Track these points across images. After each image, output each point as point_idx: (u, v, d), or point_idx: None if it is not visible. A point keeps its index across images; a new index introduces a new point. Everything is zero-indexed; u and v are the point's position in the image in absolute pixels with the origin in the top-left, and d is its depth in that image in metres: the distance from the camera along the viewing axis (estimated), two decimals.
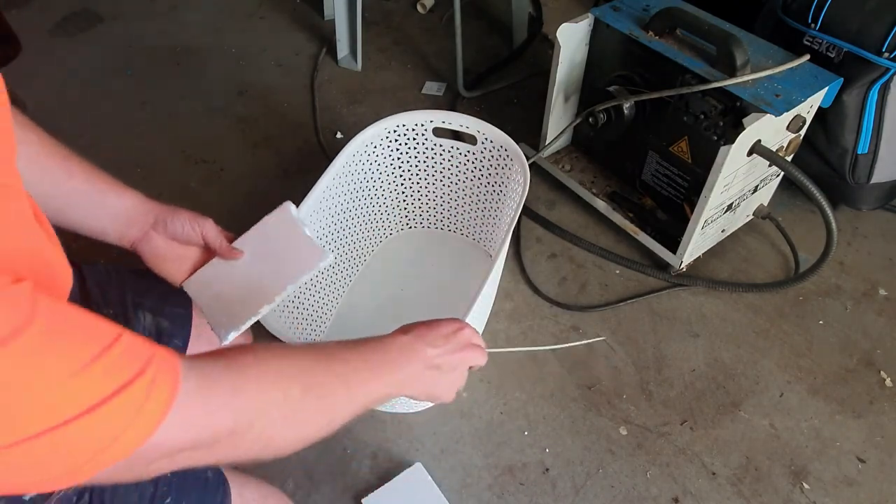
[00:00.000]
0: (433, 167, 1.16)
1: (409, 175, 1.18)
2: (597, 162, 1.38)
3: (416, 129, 1.09)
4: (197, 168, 1.46)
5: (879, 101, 1.11)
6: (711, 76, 1.02)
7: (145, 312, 0.75)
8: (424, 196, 1.22)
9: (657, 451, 1.00)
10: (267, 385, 0.46)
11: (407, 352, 0.58)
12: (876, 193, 1.25)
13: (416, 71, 1.72)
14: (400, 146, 1.12)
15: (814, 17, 1.09)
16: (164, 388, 0.38)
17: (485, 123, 1.04)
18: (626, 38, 1.12)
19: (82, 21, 1.93)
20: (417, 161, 1.15)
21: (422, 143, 1.12)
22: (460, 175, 1.15)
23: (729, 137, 0.97)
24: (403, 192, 1.21)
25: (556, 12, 1.87)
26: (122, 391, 0.36)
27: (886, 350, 1.12)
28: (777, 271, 1.24)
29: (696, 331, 1.15)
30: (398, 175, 1.18)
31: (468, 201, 1.19)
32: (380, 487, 0.95)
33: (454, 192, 1.19)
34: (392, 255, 1.27)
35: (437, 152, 1.13)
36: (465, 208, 1.21)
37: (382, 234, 1.26)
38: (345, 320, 1.17)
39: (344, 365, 0.53)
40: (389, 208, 1.23)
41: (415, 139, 1.11)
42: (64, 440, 0.35)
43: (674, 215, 1.21)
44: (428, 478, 0.97)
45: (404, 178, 1.18)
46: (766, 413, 1.04)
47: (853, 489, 0.96)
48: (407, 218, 1.27)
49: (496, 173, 1.10)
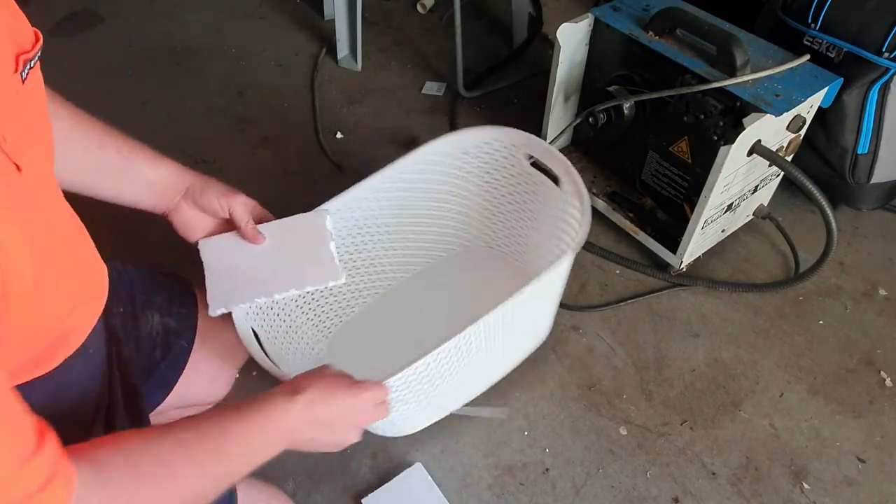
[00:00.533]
0: (510, 190, 1.07)
1: (479, 192, 1.09)
2: (597, 162, 1.38)
3: (508, 149, 1.00)
4: (197, 168, 1.44)
5: (879, 101, 1.11)
6: (711, 76, 1.02)
7: (153, 312, 0.76)
8: (482, 215, 1.14)
9: (657, 451, 1.00)
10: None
11: (276, 419, 0.56)
12: (876, 193, 1.25)
13: (416, 71, 1.72)
14: (488, 161, 1.03)
15: (814, 17, 1.09)
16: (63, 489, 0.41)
17: (570, 167, 0.92)
18: (626, 38, 1.12)
19: (82, 21, 1.93)
20: (497, 181, 1.06)
21: (510, 165, 1.03)
22: (523, 201, 1.07)
23: (729, 137, 0.97)
24: (464, 207, 1.13)
25: (556, 12, 1.87)
26: (46, 487, 0.38)
27: (886, 350, 1.12)
28: (777, 271, 1.24)
29: (696, 331, 1.15)
30: (468, 189, 1.09)
31: (522, 226, 1.11)
32: (380, 487, 0.95)
33: (510, 214, 1.11)
34: (434, 274, 1.18)
35: (523, 179, 1.03)
36: (518, 235, 1.13)
37: (435, 248, 1.18)
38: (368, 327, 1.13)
39: (199, 447, 0.50)
40: (444, 221, 1.14)
41: (506, 159, 1.02)
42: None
43: (674, 215, 1.21)
44: (428, 478, 0.97)
45: (473, 192, 1.10)
46: (766, 413, 1.04)
47: (853, 489, 0.96)
48: (455, 235, 1.18)
49: (559, 216, 1.00)
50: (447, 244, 1.18)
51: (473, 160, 1.04)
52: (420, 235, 1.14)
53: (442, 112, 1.60)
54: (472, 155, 1.03)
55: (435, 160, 1.02)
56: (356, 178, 0.94)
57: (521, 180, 1.03)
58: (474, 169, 1.06)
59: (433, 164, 1.02)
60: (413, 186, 1.04)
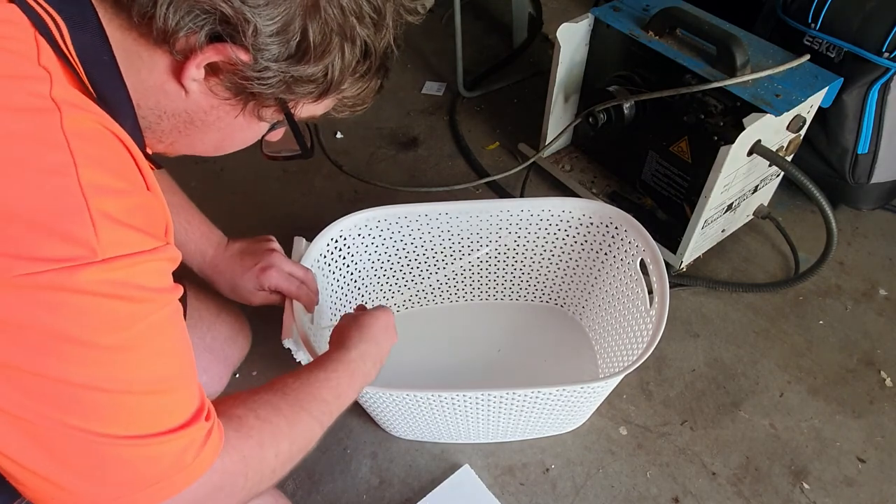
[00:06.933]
0: (610, 275, 1.03)
1: (578, 258, 1.06)
2: (597, 162, 1.38)
3: (628, 239, 0.97)
4: (197, 168, 1.46)
5: (879, 101, 1.11)
6: (711, 76, 1.02)
7: None
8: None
9: (657, 451, 1.00)
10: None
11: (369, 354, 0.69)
12: (876, 193, 1.25)
13: (415, 71, 1.72)
14: (603, 240, 1.01)
15: (814, 16, 1.09)
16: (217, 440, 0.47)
17: (667, 291, 0.88)
18: (626, 38, 1.12)
19: None
20: (602, 261, 1.04)
21: (623, 254, 0.99)
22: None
23: (729, 137, 0.97)
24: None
25: (556, 12, 1.87)
26: (208, 437, 0.46)
27: (886, 350, 1.12)
28: (777, 271, 1.24)
29: (696, 331, 1.15)
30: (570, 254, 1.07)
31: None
32: (430, 493, 0.95)
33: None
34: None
35: (626, 272, 0.99)
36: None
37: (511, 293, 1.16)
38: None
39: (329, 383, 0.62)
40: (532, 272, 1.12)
41: (622, 247, 0.99)
42: (159, 449, 0.42)
43: (674, 215, 1.21)
44: (478, 480, 0.96)
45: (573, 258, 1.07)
46: (766, 413, 1.04)
47: (853, 489, 0.96)
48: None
49: (636, 322, 0.96)
50: (525, 292, 1.16)
51: (587, 230, 1.02)
52: (503, 272, 1.12)
53: (442, 112, 1.60)
54: (586, 225, 1.01)
55: (549, 213, 1.01)
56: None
57: (623, 271, 0.99)
58: (585, 238, 1.03)
59: (544, 216, 1.01)
60: (516, 225, 1.02)
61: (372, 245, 1.02)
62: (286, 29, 0.43)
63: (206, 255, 0.82)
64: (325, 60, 0.46)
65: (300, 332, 0.79)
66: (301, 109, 0.52)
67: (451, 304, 1.16)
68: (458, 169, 1.46)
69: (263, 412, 0.53)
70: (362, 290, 1.07)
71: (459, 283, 1.13)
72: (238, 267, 0.81)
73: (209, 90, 0.46)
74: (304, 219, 1.35)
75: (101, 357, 0.38)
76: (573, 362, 1.09)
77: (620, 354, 0.98)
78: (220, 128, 0.51)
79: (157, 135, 0.50)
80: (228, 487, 0.48)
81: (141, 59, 0.44)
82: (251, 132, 0.54)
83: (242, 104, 0.48)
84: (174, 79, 0.45)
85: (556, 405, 0.87)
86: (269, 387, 0.57)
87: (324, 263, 0.96)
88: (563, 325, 1.14)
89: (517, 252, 1.07)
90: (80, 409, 0.38)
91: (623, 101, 1.12)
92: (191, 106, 0.47)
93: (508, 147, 1.50)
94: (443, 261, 1.08)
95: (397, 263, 1.07)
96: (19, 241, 0.35)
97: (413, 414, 0.88)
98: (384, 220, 1.00)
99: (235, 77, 0.45)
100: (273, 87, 0.46)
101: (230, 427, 0.49)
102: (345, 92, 0.51)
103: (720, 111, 1.03)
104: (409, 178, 1.44)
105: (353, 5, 0.45)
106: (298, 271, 0.83)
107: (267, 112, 0.50)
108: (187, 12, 0.41)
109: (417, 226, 1.01)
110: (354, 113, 0.56)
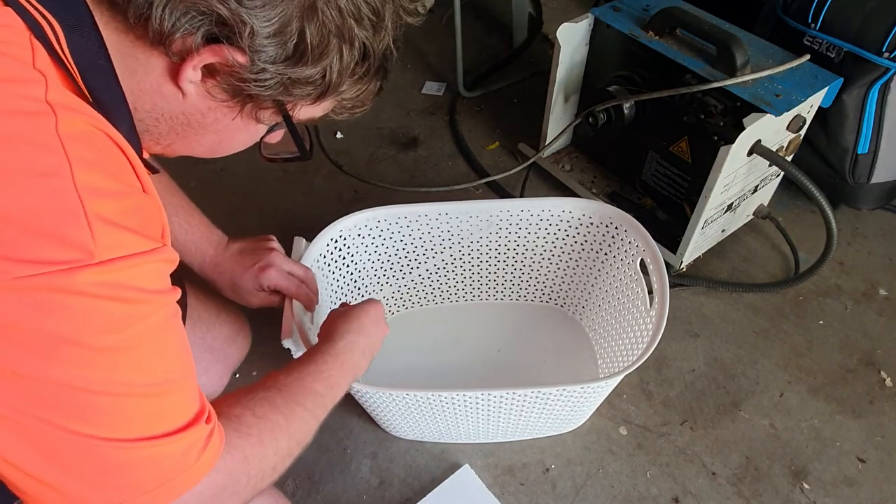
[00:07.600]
0: (610, 273, 1.04)
1: (578, 258, 1.07)
2: (597, 162, 1.38)
3: (628, 239, 0.97)
4: (197, 168, 1.46)
5: (879, 101, 1.11)
6: (711, 76, 1.02)
7: None
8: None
9: (657, 451, 1.00)
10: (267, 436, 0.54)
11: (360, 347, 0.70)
12: (876, 193, 1.25)
13: (415, 71, 1.72)
14: (602, 239, 1.01)
15: (814, 16, 1.09)
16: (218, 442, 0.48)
17: (667, 291, 0.88)
18: (626, 38, 1.12)
19: None
20: (602, 261, 1.04)
21: (623, 254, 0.99)
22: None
23: (729, 137, 0.97)
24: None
25: (556, 12, 1.87)
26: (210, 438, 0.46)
27: (886, 350, 1.12)
28: (777, 271, 1.24)
29: (696, 331, 1.15)
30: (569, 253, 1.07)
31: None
32: (430, 493, 0.95)
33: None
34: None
35: (625, 271, 1.00)
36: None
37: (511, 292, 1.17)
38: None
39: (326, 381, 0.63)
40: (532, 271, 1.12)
41: (621, 246, 0.99)
42: (160, 452, 0.42)
43: (674, 215, 1.21)
44: (478, 480, 0.96)
45: (573, 257, 1.07)
46: (766, 413, 1.04)
47: (853, 489, 0.96)
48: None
49: (636, 321, 0.96)
50: (525, 293, 1.16)
51: (587, 230, 1.01)
52: (504, 272, 1.12)
53: (442, 112, 1.60)
54: (586, 225, 1.01)
55: (549, 213, 1.01)
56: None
57: (623, 271, 0.99)
58: (585, 238, 1.03)
59: (544, 216, 1.01)
60: (516, 225, 1.02)
61: (372, 245, 1.02)
62: (283, 30, 0.43)
63: (206, 255, 0.82)
64: (322, 62, 0.46)
65: (300, 332, 0.79)
66: (299, 111, 0.52)
67: (451, 304, 1.17)
68: (458, 169, 1.46)
69: (260, 410, 0.53)
70: (362, 290, 1.07)
71: (459, 283, 1.13)
72: (238, 266, 0.81)
73: (206, 92, 0.46)
74: (304, 219, 1.35)
75: (98, 359, 0.38)
76: (573, 362, 1.09)
77: (620, 354, 0.98)
78: (218, 130, 0.51)
79: (154, 137, 0.50)
80: (232, 487, 0.48)
81: (137, 62, 0.44)
82: (249, 134, 0.54)
83: (240, 106, 0.48)
84: (171, 81, 0.45)
85: (556, 405, 0.87)
86: (262, 384, 0.57)
87: (324, 263, 0.96)
88: (563, 325, 1.14)
89: (517, 252, 1.07)
90: (79, 412, 0.38)
91: (623, 101, 1.12)
92: (188, 108, 0.47)
93: (508, 147, 1.50)
94: (443, 261, 1.08)
95: (397, 263, 1.07)
96: (15, 244, 0.35)
97: (413, 414, 0.89)
98: (384, 220, 1.00)
99: (232, 79, 0.45)
100: (270, 89, 0.46)
101: (230, 427, 0.50)
102: (343, 94, 0.51)
103: (720, 111, 1.03)
104: (409, 178, 1.44)
105: (351, 7, 0.45)
106: (298, 270, 0.83)
107: (265, 114, 0.50)
108: (183, 14, 0.41)
109: (417, 226, 1.01)
110: (354, 115, 0.56)
